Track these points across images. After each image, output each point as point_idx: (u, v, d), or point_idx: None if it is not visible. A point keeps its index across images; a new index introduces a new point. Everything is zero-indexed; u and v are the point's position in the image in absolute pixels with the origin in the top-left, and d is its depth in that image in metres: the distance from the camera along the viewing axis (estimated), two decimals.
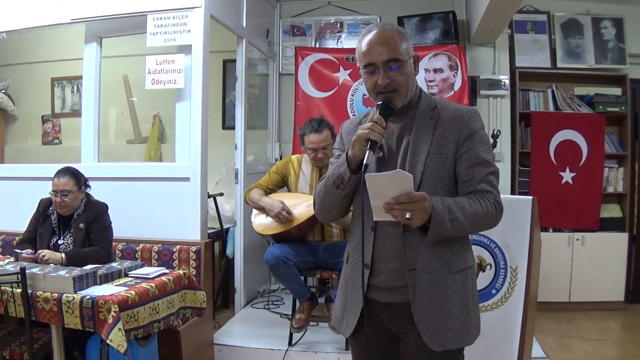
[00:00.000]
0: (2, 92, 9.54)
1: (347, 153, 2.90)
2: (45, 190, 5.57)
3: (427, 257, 2.87)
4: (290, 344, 6.20)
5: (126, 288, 4.61)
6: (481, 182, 2.87)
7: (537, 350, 6.02)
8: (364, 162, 2.75)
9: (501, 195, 2.93)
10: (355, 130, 2.97)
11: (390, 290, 2.96)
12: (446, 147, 2.91)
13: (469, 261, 3.02)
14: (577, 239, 8.16)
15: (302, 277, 6.17)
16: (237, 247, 7.66)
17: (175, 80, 6.22)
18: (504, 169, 8.14)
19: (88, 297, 4.32)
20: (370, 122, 2.80)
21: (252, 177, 7.34)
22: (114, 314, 4.21)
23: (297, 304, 6.17)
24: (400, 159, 2.96)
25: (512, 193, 8.13)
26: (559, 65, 8.45)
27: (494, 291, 5.31)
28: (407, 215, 2.62)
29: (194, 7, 6.19)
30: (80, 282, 4.49)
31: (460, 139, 2.91)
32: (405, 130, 3.00)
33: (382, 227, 2.93)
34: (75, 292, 4.40)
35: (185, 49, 6.25)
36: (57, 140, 9.78)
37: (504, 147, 8.20)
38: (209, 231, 7.24)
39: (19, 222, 5.83)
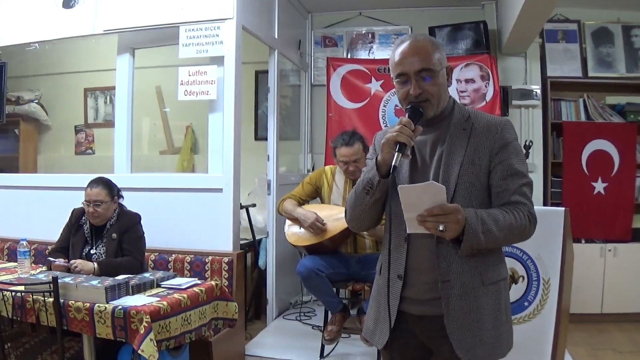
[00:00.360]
0: (35, 102, 9.60)
1: (376, 158, 2.89)
2: (78, 200, 5.57)
3: (460, 269, 2.84)
4: (322, 355, 6.21)
5: (158, 298, 4.62)
6: (515, 193, 2.84)
7: None
8: (393, 163, 2.75)
9: (534, 207, 2.90)
10: None
11: (423, 302, 2.94)
12: (480, 158, 2.88)
13: (503, 273, 3.00)
14: (609, 250, 8.05)
15: (335, 289, 6.16)
16: (269, 258, 7.68)
17: (207, 91, 6.24)
18: (536, 179, 8.06)
19: (120, 307, 4.33)
20: (399, 125, 2.78)
21: (285, 188, 7.34)
22: (146, 324, 4.22)
23: (329, 315, 6.16)
24: (434, 169, 2.94)
25: (545, 204, 8.07)
26: (590, 74, 8.38)
27: (526, 303, 5.28)
28: (440, 227, 2.61)
29: (226, 19, 6.20)
30: (113, 292, 4.50)
31: (493, 150, 2.88)
32: (438, 141, 2.97)
33: (415, 239, 2.90)
34: (108, 302, 4.41)
35: (218, 60, 6.27)
36: (90, 151, 9.82)
37: (536, 158, 8.13)
38: (242, 242, 7.22)
39: (52, 232, 5.84)
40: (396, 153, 2.75)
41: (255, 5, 6.93)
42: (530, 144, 5.40)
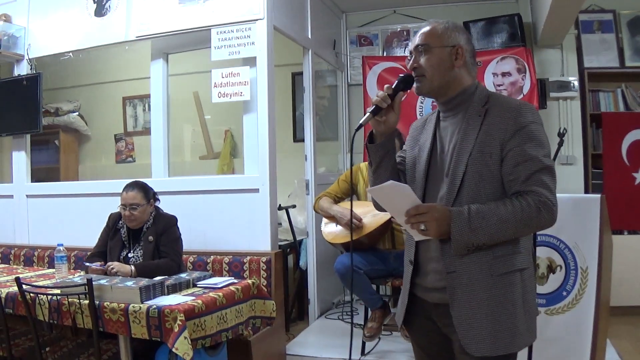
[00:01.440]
0: (75, 114, 9.70)
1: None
2: (117, 207, 5.62)
3: (467, 259, 2.80)
4: (362, 353, 6.17)
5: (193, 297, 4.63)
6: (526, 181, 2.74)
7: (612, 354, 5.89)
8: (360, 122, 2.89)
9: (570, 195, 2.82)
10: (420, 127, 3.17)
11: (437, 290, 2.93)
12: (490, 145, 2.81)
13: (518, 264, 2.85)
14: None
15: (375, 286, 6.13)
16: (309, 259, 7.67)
17: (241, 92, 6.26)
18: (577, 171, 8.08)
19: (154, 306, 4.34)
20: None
21: (323, 188, 7.27)
22: (180, 323, 4.22)
23: (370, 312, 6.13)
24: (449, 158, 2.92)
25: None
26: (627, 64, 8.28)
27: (564, 293, 5.21)
28: (422, 227, 2.64)
29: (256, 19, 6.23)
30: (147, 293, 4.52)
31: (506, 137, 2.79)
32: (457, 128, 2.95)
33: None
34: (142, 302, 4.43)
35: (250, 61, 6.31)
36: (130, 159, 9.93)
37: (575, 150, 8.13)
38: (283, 243, 7.27)
39: (93, 238, 5.89)
40: (368, 113, 2.87)
41: (287, 5, 6.94)
42: (564, 131, 5.26)
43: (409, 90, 2.97)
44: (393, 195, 2.70)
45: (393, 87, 2.91)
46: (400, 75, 2.96)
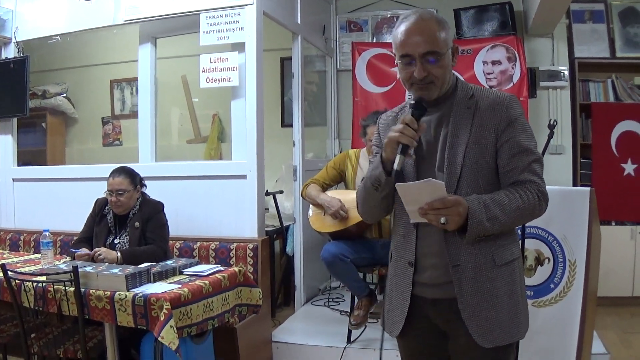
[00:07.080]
0: (62, 96, 9.66)
1: (381, 155, 2.84)
2: (103, 192, 5.60)
3: (470, 252, 2.79)
4: (348, 341, 6.15)
5: (179, 285, 4.63)
6: (524, 171, 2.79)
7: (598, 346, 5.83)
8: (394, 167, 2.74)
9: (559, 187, 2.85)
10: (392, 123, 3.01)
11: (436, 286, 2.90)
12: (485, 137, 2.83)
13: (515, 252, 2.94)
14: None
15: (361, 274, 6.11)
16: (296, 245, 7.65)
17: (229, 78, 6.22)
18: (565, 161, 8.07)
19: (140, 294, 4.33)
20: (402, 125, 2.74)
21: (311, 174, 7.22)
22: (166, 312, 4.21)
23: (356, 300, 6.12)
24: (439, 151, 2.89)
25: (574, 185, 7.95)
26: (618, 54, 8.26)
27: (552, 285, 5.21)
28: (442, 220, 2.58)
29: (246, 5, 6.18)
30: (133, 280, 4.51)
31: (499, 128, 2.82)
32: (442, 122, 2.92)
33: (424, 224, 2.81)
34: (128, 290, 4.42)
35: (239, 47, 6.26)
36: (117, 142, 9.91)
37: (564, 139, 8.11)
38: (270, 229, 7.26)
39: (78, 223, 5.88)
40: (398, 155, 2.72)
41: None
42: (555, 123, 5.24)
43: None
44: (423, 190, 2.61)
45: (415, 119, 2.76)
46: (411, 104, 2.85)
